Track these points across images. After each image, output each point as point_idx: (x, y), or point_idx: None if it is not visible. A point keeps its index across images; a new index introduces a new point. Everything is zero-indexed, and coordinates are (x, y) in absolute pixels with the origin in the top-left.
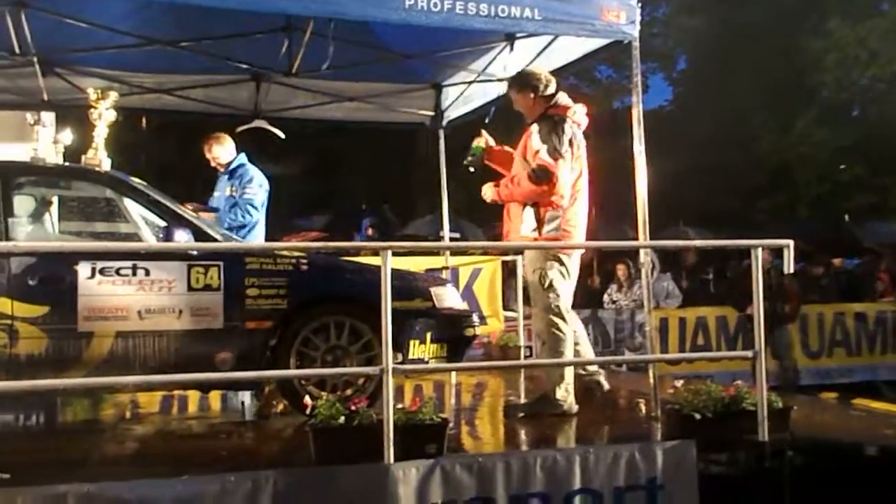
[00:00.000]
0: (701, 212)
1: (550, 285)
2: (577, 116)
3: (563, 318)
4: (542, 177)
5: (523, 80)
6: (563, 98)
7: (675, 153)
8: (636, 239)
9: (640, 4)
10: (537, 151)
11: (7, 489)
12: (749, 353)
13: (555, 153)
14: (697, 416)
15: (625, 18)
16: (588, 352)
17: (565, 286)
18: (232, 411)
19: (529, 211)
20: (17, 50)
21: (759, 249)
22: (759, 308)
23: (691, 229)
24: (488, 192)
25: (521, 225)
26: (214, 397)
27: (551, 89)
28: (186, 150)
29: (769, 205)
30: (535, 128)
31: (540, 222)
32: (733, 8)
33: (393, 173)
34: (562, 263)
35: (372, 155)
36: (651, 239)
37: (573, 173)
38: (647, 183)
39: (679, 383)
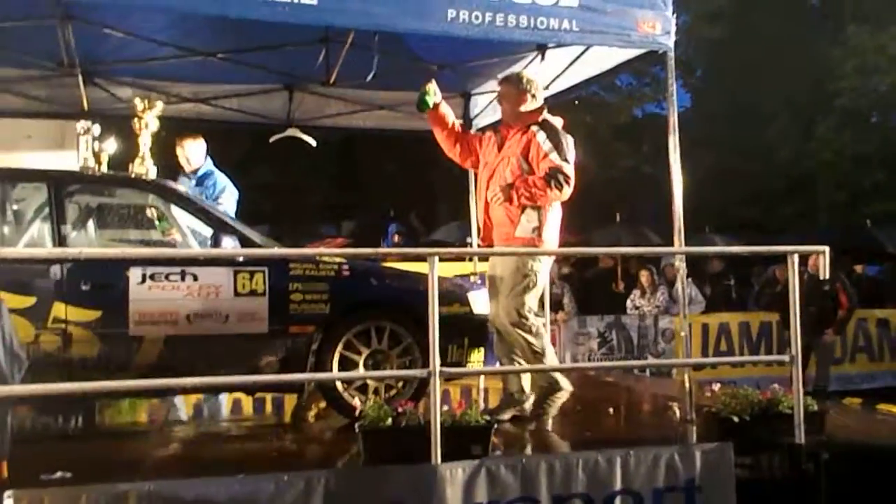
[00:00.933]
0: (720, 218)
1: (532, 284)
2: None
3: (535, 317)
4: (562, 181)
5: (524, 83)
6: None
7: (694, 160)
8: (661, 245)
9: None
10: (546, 154)
11: (71, 487)
12: (786, 358)
13: (562, 155)
14: (736, 419)
15: (660, 29)
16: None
17: (538, 289)
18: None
19: (531, 213)
20: (64, 61)
21: (795, 255)
22: (795, 312)
23: (718, 236)
24: (500, 197)
25: (512, 227)
26: (247, 401)
27: (541, 98)
28: (216, 159)
29: (788, 211)
30: (538, 132)
31: (541, 223)
32: (753, 16)
33: (417, 180)
34: (544, 272)
35: (397, 162)
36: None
37: None
38: (668, 190)
39: (717, 387)
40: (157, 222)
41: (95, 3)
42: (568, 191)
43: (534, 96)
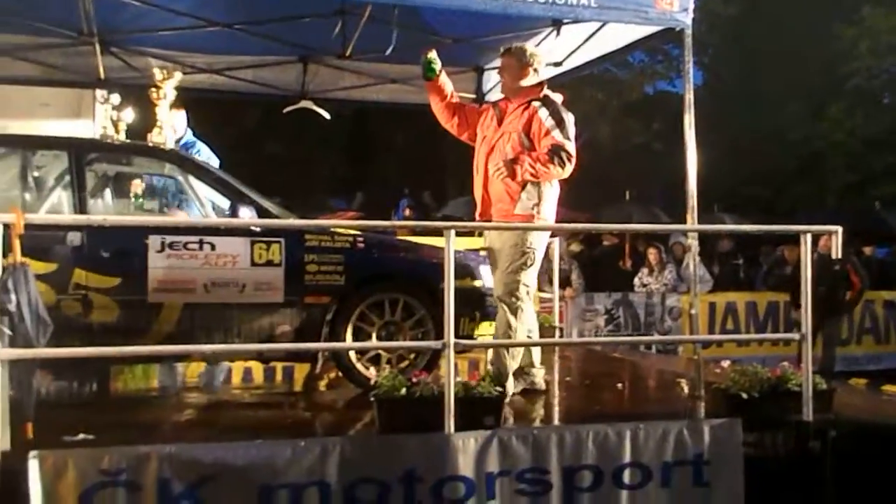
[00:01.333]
0: (730, 197)
1: (530, 261)
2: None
3: (529, 297)
4: (564, 158)
5: (526, 56)
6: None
7: (704, 139)
8: (670, 222)
9: None
10: (549, 132)
11: (93, 449)
12: (796, 336)
13: (565, 132)
14: (745, 396)
15: (678, 6)
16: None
17: (538, 265)
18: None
19: (531, 189)
20: (83, 30)
21: (808, 235)
22: (807, 292)
23: (727, 215)
24: (502, 171)
25: (512, 204)
26: (258, 370)
27: (543, 73)
28: (227, 129)
29: (798, 192)
30: (540, 108)
31: (540, 199)
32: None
33: (428, 155)
34: (542, 241)
35: (407, 136)
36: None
37: None
38: (678, 168)
39: (726, 363)
40: (133, 197)
41: None
42: (569, 168)
43: (536, 70)
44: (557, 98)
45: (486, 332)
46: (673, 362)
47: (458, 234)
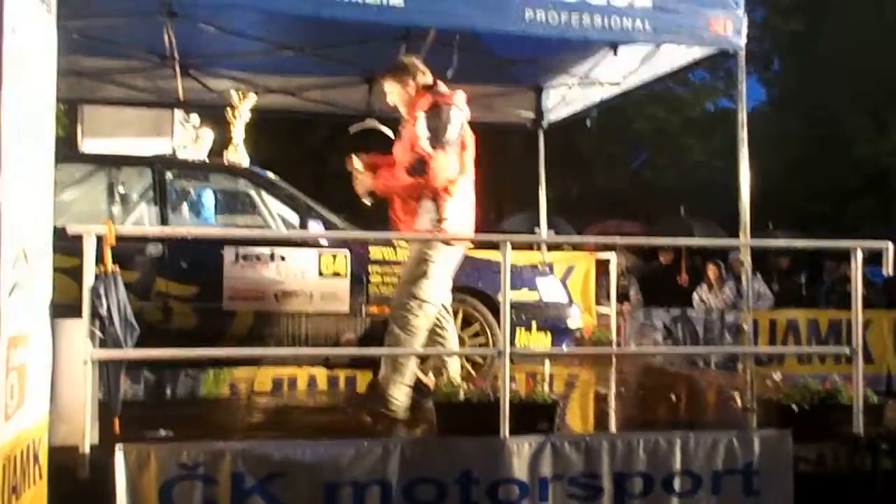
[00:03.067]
0: (792, 214)
1: (426, 274)
2: (461, 103)
3: (422, 311)
4: (418, 168)
5: (402, 70)
6: (442, 86)
7: (767, 155)
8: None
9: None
10: (416, 141)
11: (173, 444)
12: (846, 349)
13: (436, 142)
14: (795, 408)
15: (731, 29)
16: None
17: (440, 279)
18: None
19: (428, 204)
20: (166, 54)
21: (859, 251)
22: (857, 306)
23: (781, 232)
24: (365, 183)
25: (413, 220)
26: (322, 378)
27: (429, 78)
28: (294, 147)
29: (863, 209)
30: (421, 115)
31: (440, 213)
32: (830, 11)
33: (486, 172)
34: (451, 257)
35: None
36: None
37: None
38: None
39: (777, 375)
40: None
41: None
42: (436, 177)
43: (414, 78)
44: (458, 97)
45: (542, 343)
46: (730, 378)
47: (518, 249)
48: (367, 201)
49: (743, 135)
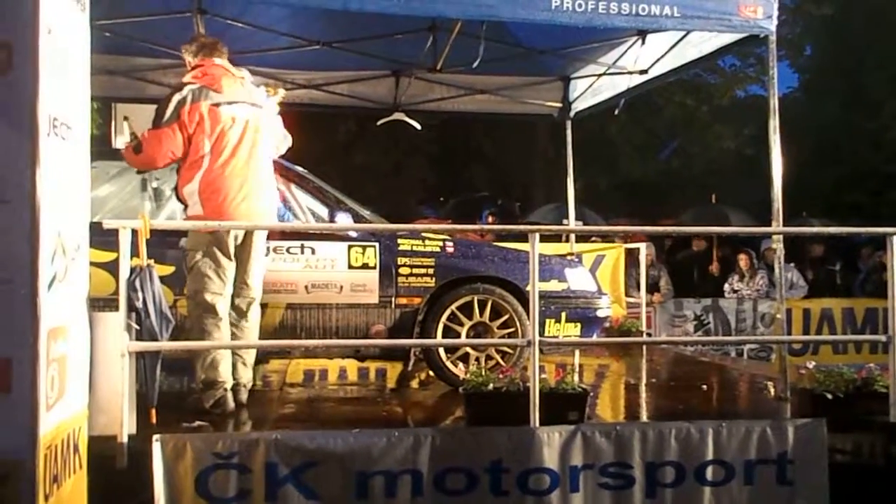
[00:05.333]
0: (826, 202)
1: (196, 270)
2: (218, 85)
3: (208, 310)
4: (137, 148)
5: (184, 53)
6: (210, 67)
7: (799, 142)
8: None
9: None
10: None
11: (208, 434)
12: (883, 338)
13: (155, 121)
14: (829, 396)
15: (762, 13)
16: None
17: (216, 273)
18: None
19: (185, 193)
20: None
21: (895, 237)
22: (893, 294)
23: (816, 220)
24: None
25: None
26: (352, 370)
27: (198, 58)
28: (322, 141)
29: None
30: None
31: (185, 201)
32: None
33: (514, 163)
34: (215, 247)
35: (495, 145)
36: None
37: (208, 152)
38: (768, 173)
39: (811, 364)
40: None
41: None
42: (144, 158)
43: (189, 61)
44: (214, 72)
45: (572, 334)
46: (763, 367)
47: (546, 240)
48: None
49: (775, 122)
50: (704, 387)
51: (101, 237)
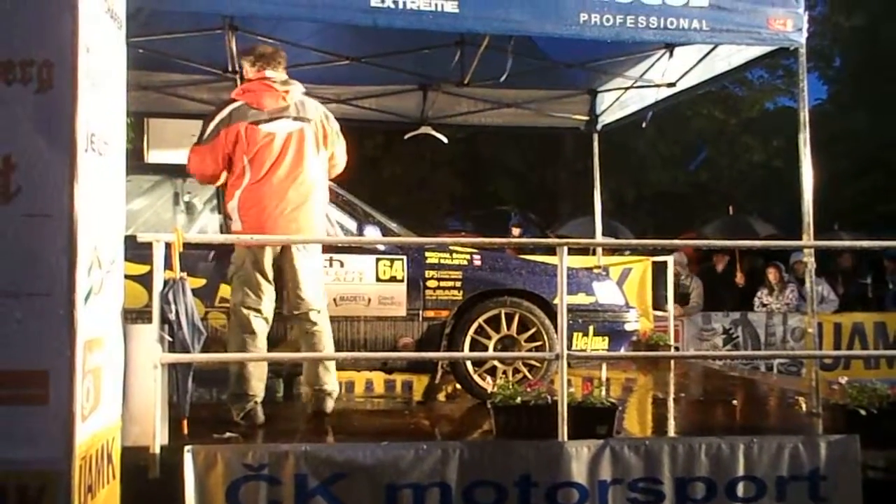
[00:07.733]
0: (857, 214)
1: (234, 284)
2: (258, 102)
3: (243, 324)
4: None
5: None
6: (255, 83)
7: (829, 153)
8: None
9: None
10: None
11: (239, 445)
12: None
13: (199, 139)
14: (862, 412)
15: (791, 26)
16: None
17: (251, 288)
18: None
19: (229, 206)
20: (228, 67)
21: None
22: None
23: (846, 233)
24: None
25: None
26: (379, 382)
27: (255, 68)
28: (350, 154)
29: None
30: None
31: (228, 214)
32: (893, 4)
33: (541, 177)
34: (250, 263)
35: (520, 159)
36: None
37: (247, 168)
38: (797, 186)
39: (843, 380)
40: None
41: (256, 14)
42: (191, 170)
43: (247, 70)
44: (252, 91)
45: (600, 347)
46: (793, 382)
47: (574, 253)
48: None
49: (805, 135)
50: (734, 401)
51: (135, 250)
